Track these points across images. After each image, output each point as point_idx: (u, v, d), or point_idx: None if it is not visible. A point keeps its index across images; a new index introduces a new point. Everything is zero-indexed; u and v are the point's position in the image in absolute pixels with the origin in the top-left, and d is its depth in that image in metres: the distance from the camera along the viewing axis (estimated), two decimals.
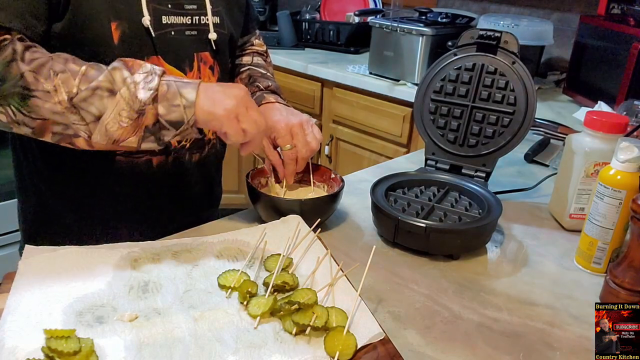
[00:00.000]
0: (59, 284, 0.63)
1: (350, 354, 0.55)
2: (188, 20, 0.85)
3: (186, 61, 0.85)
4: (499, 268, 0.76)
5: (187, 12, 0.84)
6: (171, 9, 0.82)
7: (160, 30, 0.81)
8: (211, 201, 1.05)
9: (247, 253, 0.73)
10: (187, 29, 0.85)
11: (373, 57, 1.91)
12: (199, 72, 0.88)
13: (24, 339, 0.55)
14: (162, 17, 0.81)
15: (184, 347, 0.55)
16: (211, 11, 0.87)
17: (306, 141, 0.86)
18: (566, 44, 1.87)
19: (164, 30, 0.81)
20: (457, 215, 0.80)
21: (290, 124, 0.86)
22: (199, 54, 0.87)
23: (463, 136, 0.92)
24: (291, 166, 0.86)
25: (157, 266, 0.69)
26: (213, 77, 0.91)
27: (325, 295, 0.65)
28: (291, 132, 0.85)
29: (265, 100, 0.94)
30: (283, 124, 0.86)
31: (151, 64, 0.70)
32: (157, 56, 0.81)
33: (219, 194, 1.09)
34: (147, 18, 0.78)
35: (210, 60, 0.90)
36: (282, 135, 0.85)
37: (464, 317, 0.64)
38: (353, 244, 0.80)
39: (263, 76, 1.03)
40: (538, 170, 1.11)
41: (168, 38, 0.82)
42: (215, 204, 1.07)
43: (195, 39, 0.86)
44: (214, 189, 1.04)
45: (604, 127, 0.79)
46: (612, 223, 0.71)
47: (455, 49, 0.93)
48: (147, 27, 0.78)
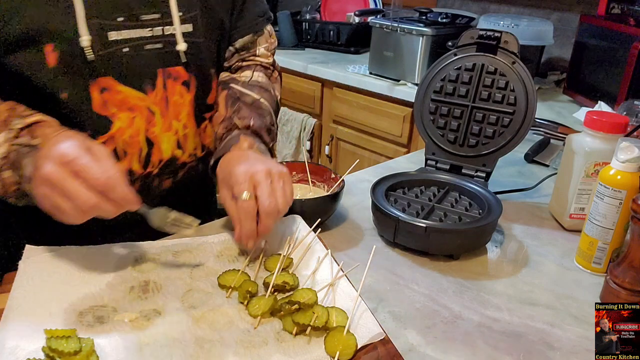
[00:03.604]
0: (60, 283, 0.64)
1: (350, 354, 0.55)
2: (148, 33, 0.75)
3: (146, 80, 0.77)
4: (499, 268, 0.76)
5: (145, 23, 0.75)
6: (123, 23, 0.73)
7: (108, 49, 0.72)
8: (207, 211, 0.96)
9: (247, 253, 0.73)
10: (146, 43, 0.76)
11: (373, 57, 1.91)
12: (164, 90, 0.79)
13: (25, 338, 0.55)
14: (110, 34, 0.72)
15: (184, 347, 0.55)
16: (180, 19, 0.78)
17: (272, 192, 0.67)
18: (566, 44, 1.87)
19: (113, 48, 0.73)
20: (457, 215, 0.80)
21: (251, 171, 0.69)
22: (166, 69, 0.79)
23: (463, 136, 0.92)
24: (248, 222, 0.66)
25: (157, 266, 0.69)
26: (188, 93, 0.82)
27: (326, 295, 0.65)
28: (252, 180, 0.68)
29: (237, 147, 0.78)
30: (243, 169, 0.69)
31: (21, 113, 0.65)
32: (106, 77, 0.73)
33: (215, 202, 1.02)
34: (86, 38, 0.69)
35: (184, 75, 0.81)
36: (239, 183, 0.68)
37: (464, 317, 0.64)
38: (353, 244, 0.80)
39: (252, 105, 0.86)
40: (538, 170, 1.11)
41: (119, 56, 0.73)
42: (212, 212, 1.00)
43: (159, 53, 0.77)
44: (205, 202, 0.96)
45: (604, 127, 0.79)
46: (612, 223, 0.71)
47: (455, 49, 0.93)
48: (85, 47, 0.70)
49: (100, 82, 0.73)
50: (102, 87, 0.74)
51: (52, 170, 0.56)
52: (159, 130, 0.81)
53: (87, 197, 0.56)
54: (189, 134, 0.85)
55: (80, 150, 0.57)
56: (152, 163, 0.82)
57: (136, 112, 0.78)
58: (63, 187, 0.56)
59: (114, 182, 0.57)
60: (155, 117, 0.80)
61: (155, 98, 0.79)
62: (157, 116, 0.80)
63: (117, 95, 0.75)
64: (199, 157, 0.90)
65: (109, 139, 0.77)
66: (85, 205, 0.56)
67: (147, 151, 0.81)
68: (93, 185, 0.56)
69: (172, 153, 0.84)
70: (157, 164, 0.83)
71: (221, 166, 0.76)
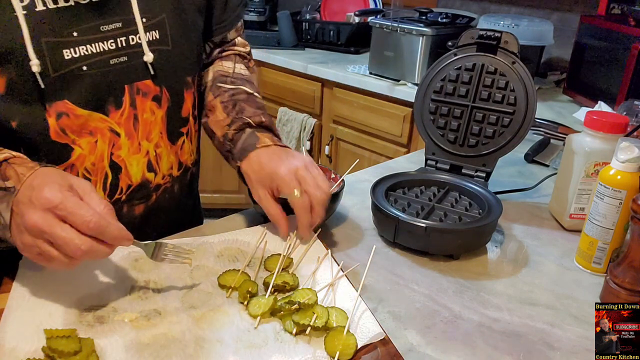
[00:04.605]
0: (60, 283, 0.64)
1: (350, 354, 0.55)
2: (111, 45, 0.68)
3: (109, 99, 0.70)
4: (499, 268, 0.76)
5: (106, 35, 0.67)
6: (79, 37, 0.65)
7: (63, 70, 0.64)
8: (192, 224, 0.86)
9: (247, 253, 0.73)
10: (111, 57, 0.68)
11: (373, 57, 1.91)
12: (133, 108, 0.72)
13: (25, 339, 0.55)
14: (64, 52, 0.64)
15: (184, 347, 0.55)
16: (144, 26, 0.70)
17: (317, 184, 0.71)
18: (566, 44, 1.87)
19: (69, 67, 0.65)
20: (457, 215, 0.80)
21: (293, 169, 0.72)
22: (134, 84, 0.71)
23: (463, 136, 0.92)
24: (305, 216, 0.71)
25: (157, 266, 0.69)
26: (159, 109, 0.75)
27: (326, 295, 0.65)
28: (297, 177, 0.71)
29: (261, 143, 0.78)
30: (285, 168, 0.72)
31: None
32: (62, 101, 0.66)
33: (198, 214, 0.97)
34: (36, 63, 0.61)
35: (154, 89, 0.74)
36: (287, 182, 0.71)
37: (464, 317, 0.64)
38: (353, 244, 0.80)
39: (249, 100, 0.85)
40: (538, 170, 1.11)
41: (77, 76, 0.66)
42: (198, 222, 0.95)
43: (125, 67, 0.70)
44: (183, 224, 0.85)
45: (604, 127, 0.79)
46: (612, 223, 0.71)
47: (455, 49, 0.93)
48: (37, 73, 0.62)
49: (56, 107, 0.66)
50: (58, 113, 0.66)
51: (37, 219, 0.52)
52: (126, 153, 0.74)
53: (80, 243, 0.52)
54: (162, 153, 0.79)
55: (64, 193, 0.53)
56: (120, 189, 0.76)
57: (97, 135, 0.71)
58: (52, 234, 0.52)
59: (105, 222, 0.53)
60: (120, 139, 0.73)
61: (120, 118, 0.72)
62: (123, 138, 0.73)
63: (77, 120, 0.68)
64: (175, 176, 0.83)
65: (67, 167, 0.70)
66: (77, 252, 0.52)
67: (113, 177, 0.74)
68: (84, 229, 0.52)
69: (143, 177, 0.77)
70: (125, 189, 0.76)
71: (252, 166, 0.76)
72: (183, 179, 0.86)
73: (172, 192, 0.84)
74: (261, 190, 0.74)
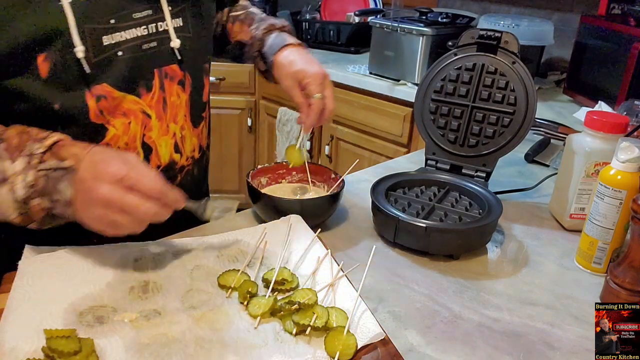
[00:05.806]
0: (59, 284, 0.63)
1: (350, 354, 0.55)
2: (143, 32, 0.72)
3: (141, 82, 0.74)
4: (499, 268, 0.76)
5: (138, 21, 0.71)
6: (115, 24, 0.69)
7: (101, 55, 0.69)
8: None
9: (247, 253, 0.73)
10: (143, 42, 0.73)
11: (373, 57, 1.91)
12: (162, 91, 0.77)
13: (25, 339, 0.55)
14: (103, 39, 0.68)
15: (184, 347, 0.55)
16: (170, 14, 0.75)
17: (332, 96, 0.84)
18: (566, 44, 1.87)
19: (107, 53, 0.69)
20: (457, 215, 0.80)
21: (322, 73, 0.83)
22: (162, 69, 0.76)
23: (463, 136, 0.92)
24: (314, 117, 0.83)
25: (157, 266, 0.69)
26: (184, 92, 0.80)
27: (326, 295, 0.65)
28: (323, 83, 0.83)
29: (288, 42, 0.89)
30: (314, 70, 0.83)
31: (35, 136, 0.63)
32: (101, 84, 0.70)
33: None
34: (81, 49, 0.66)
35: (179, 74, 0.79)
36: (317, 83, 0.82)
37: (464, 317, 0.64)
38: (353, 244, 0.80)
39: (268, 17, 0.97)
40: (538, 170, 1.11)
41: (114, 60, 0.70)
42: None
43: (155, 52, 0.74)
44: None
45: (604, 127, 0.79)
46: (612, 223, 0.71)
47: (455, 49, 0.93)
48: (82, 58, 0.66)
49: (96, 90, 0.70)
50: (98, 95, 0.70)
51: (108, 191, 0.57)
52: (156, 134, 0.78)
53: (148, 208, 0.59)
54: (186, 135, 0.83)
55: (126, 165, 0.59)
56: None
57: (130, 116, 0.74)
58: (124, 203, 0.57)
59: (166, 187, 0.60)
60: (151, 120, 0.77)
61: (151, 101, 0.76)
62: (153, 119, 0.77)
63: (113, 102, 0.72)
64: (196, 158, 0.87)
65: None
66: (146, 216, 0.59)
67: (144, 157, 0.78)
68: (149, 195, 0.59)
69: (170, 157, 0.81)
70: (155, 170, 0.77)
71: (287, 57, 0.87)
72: (201, 162, 0.90)
73: (193, 174, 0.88)
74: (290, 80, 0.85)
